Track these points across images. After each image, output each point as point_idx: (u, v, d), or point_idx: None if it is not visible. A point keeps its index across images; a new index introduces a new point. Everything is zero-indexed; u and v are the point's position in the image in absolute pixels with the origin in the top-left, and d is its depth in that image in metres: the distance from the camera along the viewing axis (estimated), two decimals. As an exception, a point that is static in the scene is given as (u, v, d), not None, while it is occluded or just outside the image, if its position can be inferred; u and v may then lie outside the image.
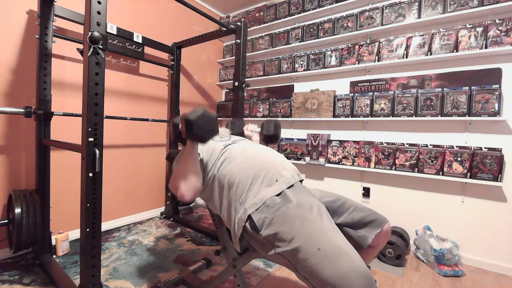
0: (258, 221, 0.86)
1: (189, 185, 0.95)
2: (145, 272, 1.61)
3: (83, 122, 1.08)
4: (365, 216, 0.99)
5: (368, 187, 2.31)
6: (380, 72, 2.26)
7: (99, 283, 1.15)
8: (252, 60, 3.06)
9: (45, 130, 1.66)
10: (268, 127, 1.38)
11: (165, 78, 2.70)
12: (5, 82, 1.67)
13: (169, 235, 2.18)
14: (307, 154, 2.48)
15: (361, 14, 2.29)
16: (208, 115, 0.94)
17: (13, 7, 1.68)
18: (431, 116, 1.93)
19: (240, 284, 1.19)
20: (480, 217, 1.85)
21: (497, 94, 1.71)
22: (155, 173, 2.65)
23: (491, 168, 1.72)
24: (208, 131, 0.94)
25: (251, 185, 0.94)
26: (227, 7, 3.20)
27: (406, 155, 2.02)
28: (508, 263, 1.76)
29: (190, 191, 0.95)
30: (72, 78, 1.98)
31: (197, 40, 2.36)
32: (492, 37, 1.75)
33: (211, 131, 0.95)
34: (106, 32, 1.13)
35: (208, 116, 0.94)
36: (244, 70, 1.95)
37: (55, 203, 1.78)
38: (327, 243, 0.74)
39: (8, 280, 1.45)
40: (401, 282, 1.62)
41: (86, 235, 1.10)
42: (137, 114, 2.44)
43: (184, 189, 0.94)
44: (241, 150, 1.06)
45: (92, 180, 1.09)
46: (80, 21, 1.83)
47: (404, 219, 2.12)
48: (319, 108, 2.46)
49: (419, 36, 2.02)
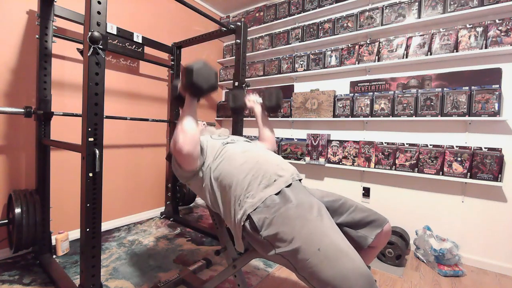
0: (258, 221, 0.86)
1: (187, 138, 0.94)
2: (145, 272, 1.60)
3: (83, 122, 1.08)
4: (365, 216, 0.99)
5: (368, 187, 2.31)
6: (380, 72, 2.26)
7: (99, 283, 1.15)
8: (252, 60, 3.06)
9: (45, 130, 1.66)
10: (270, 97, 1.40)
11: (165, 78, 2.70)
12: (5, 82, 1.66)
13: (169, 235, 2.18)
14: (307, 154, 2.48)
15: (361, 14, 2.29)
16: (208, 66, 0.95)
17: (13, 7, 1.68)
18: (431, 116, 1.93)
19: (240, 284, 1.19)
20: (480, 217, 1.85)
21: (497, 94, 1.71)
22: (155, 173, 2.65)
23: (491, 168, 1.72)
24: (207, 82, 0.94)
25: (249, 186, 0.94)
26: (227, 7, 3.20)
27: (406, 155, 2.02)
28: (508, 263, 1.76)
29: (187, 144, 0.93)
30: (72, 78, 1.98)
31: (197, 40, 2.36)
32: (492, 37, 1.75)
33: (210, 83, 0.95)
34: (106, 32, 1.13)
35: (208, 67, 0.95)
36: (244, 70, 1.95)
37: (55, 203, 1.78)
38: (327, 244, 0.74)
39: (8, 280, 1.45)
40: (401, 282, 1.62)
41: (86, 235, 1.09)
42: (137, 114, 2.44)
43: (182, 142, 0.93)
44: (240, 150, 1.06)
45: (92, 180, 1.09)
46: (80, 21, 1.83)
47: (404, 219, 2.12)
48: (319, 108, 2.46)
49: (419, 36, 2.02)
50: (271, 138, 1.45)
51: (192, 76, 0.91)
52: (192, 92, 0.97)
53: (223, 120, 3.34)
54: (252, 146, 1.16)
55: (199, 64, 0.92)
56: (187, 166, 1.01)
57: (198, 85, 0.93)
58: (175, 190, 2.57)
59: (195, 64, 0.92)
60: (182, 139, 0.93)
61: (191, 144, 0.94)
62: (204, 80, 0.93)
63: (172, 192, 2.56)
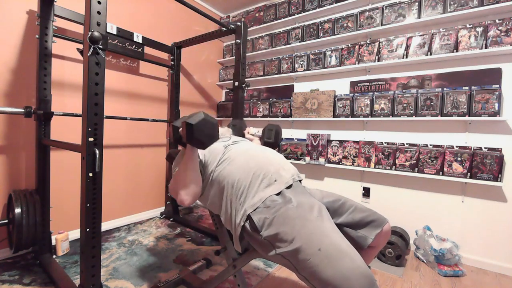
0: (258, 221, 0.86)
1: (189, 191, 0.97)
2: (145, 272, 1.60)
3: (83, 122, 1.08)
4: (365, 216, 0.99)
5: (368, 187, 2.31)
6: (380, 72, 2.26)
7: (99, 283, 1.15)
8: (252, 60, 3.05)
9: (45, 130, 1.66)
10: (269, 134, 1.37)
11: (165, 78, 2.70)
12: (5, 82, 1.66)
13: (169, 235, 2.18)
14: (307, 154, 2.48)
15: (361, 14, 2.29)
16: (209, 119, 0.92)
17: (13, 7, 1.68)
18: (431, 116, 1.93)
19: (240, 284, 1.19)
20: (480, 217, 1.85)
21: (497, 94, 1.71)
22: (155, 173, 2.65)
23: (491, 168, 1.72)
24: (208, 137, 0.93)
25: (250, 186, 0.94)
26: (227, 7, 3.20)
27: (406, 155, 2.02)
28: (508, 263, 1.76)
29: (190, 196, 0.97)
30: (72, 78, 1.98)
31: (197, 40, 2.36)
32: (492, 37, 1.75)
33: (212, 137, 0.94)
34: (106, 32, 1.13)
35: (209, 121, 0.92)
36: (244, 70, 1.95)
37: (55, 203, 1.78)
38: (328, 244, 0.75)
39: (8, 280, 1.45)
40: (401, 282, 1.62)
41: (86, 235, 1.09)
42: (137, 114, 2.44)
43: (183, 195, 0.96)
44: (241, 151, 1.06)
45: (92, 180, 1.09)
46: (80, 21, 1.83)
47: (404, 219, 2.12)
48: (319, 108, 2.46)
49: (419, 36, 2.02)
50: None
51: (193, 133, 0.89)
52: (194, 146, 0.97)
53: (223, 120, 3.34)
54: (253, 145, 1.16)
55: (199, 118, 0.90)
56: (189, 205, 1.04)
57: (200, 140, 0.92)
58: (175, 190, 2.57)
59: (195, 119, 0.89)
60: (183, 193, 0.96)
61: (193, 197, 0.98)
62: (205, 134, 0.92)
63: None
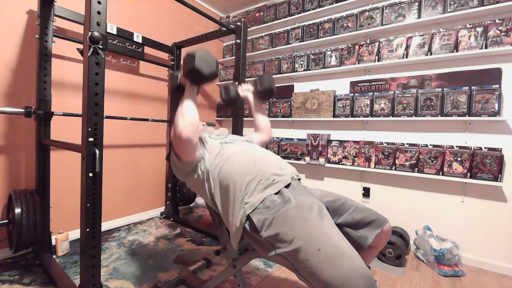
0: (258, 222, 0.86)
1: (187, 122, 0.94)
2: (145, 272, 1.60)
3: (83, 122, 1.08)
4: (365, 216, 0.98)
5: (368, 187, 2.31)
6: (380, 72, 2.26)
7: (99, 283, 1.15)
8: (252, 60, 3.06)
9: (45, 130, 1.66)
10: (262, 82, 1.35)
11: (165, 78, 2.70)
12: (5, 82, 1.66)
13: (169, 235, 2.18)
14: (307, 154, 2.48)
15: (361, 14, 2.29)
16: (210, 54, 0.96)
17: (13, 7, 1.68)
18: (431, 116, 1.93)
19: (240, 284, 1.19)
20: (480, 217, 1.85)
21: (497, 94, 1.71)
22: (155, 173, 2.65)
23: (491, 168, 1.72)
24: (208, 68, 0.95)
25: (248, 186, 0.93)
26: (227, 7, 3.20)
27: (406, 155, 2.02)
28: (508, 263, 1.76)
29: (187, 128, 0.93)
30: (72, 78, 1.98)
31: (197, 40, 2.36)
32: (492, 37, 1.75)
33: (211, 71, 0.96)
34: (106, 32, 1.13)
35: (210, 55, 0.96)
36: (244, 70, 1.94)
37: (55, 203, 1.78)
38: (328, 244, 0.74)
39: (8, 280, 1.45)
40: (401, 282, 1.62)
41: (86, 235, 1.09)
42: (137, 114, 2.44)
43: (181, 126, 0.93)
44: (238, 151, 1.06)
45: (92, 180, 1.09)
46: (80, 21, 1.83)
47: (404, 219, 2.12)
48: (319, 108, 2.46)
49: (419, 36, 2.02)
50: (267, 127, 1.44)
51: (194, 62, 0.91)
52: (193, 78, 0.98)
53: (223, 120, 3.34)
54: (250, 146, 1.16)
55: (201, 51, 0.93)
56: (186, 156, 1.01)
57: (200, 70, 0.93)
58: (175, 190, 2.57)
59: (197, 51, 0.92)
60: (182, 124, 0.93)
61: (191, 129, 0.94)
62: (206, 66, 0.94)
63: (172, 192, 2.56)
